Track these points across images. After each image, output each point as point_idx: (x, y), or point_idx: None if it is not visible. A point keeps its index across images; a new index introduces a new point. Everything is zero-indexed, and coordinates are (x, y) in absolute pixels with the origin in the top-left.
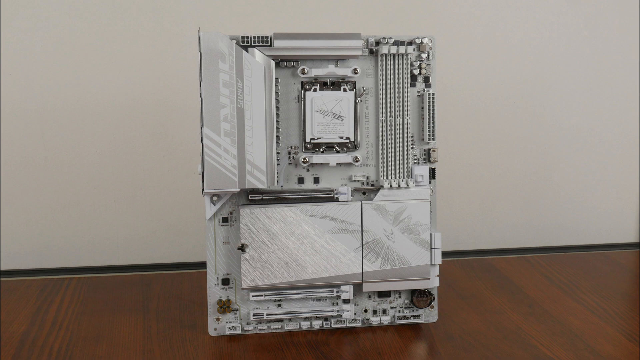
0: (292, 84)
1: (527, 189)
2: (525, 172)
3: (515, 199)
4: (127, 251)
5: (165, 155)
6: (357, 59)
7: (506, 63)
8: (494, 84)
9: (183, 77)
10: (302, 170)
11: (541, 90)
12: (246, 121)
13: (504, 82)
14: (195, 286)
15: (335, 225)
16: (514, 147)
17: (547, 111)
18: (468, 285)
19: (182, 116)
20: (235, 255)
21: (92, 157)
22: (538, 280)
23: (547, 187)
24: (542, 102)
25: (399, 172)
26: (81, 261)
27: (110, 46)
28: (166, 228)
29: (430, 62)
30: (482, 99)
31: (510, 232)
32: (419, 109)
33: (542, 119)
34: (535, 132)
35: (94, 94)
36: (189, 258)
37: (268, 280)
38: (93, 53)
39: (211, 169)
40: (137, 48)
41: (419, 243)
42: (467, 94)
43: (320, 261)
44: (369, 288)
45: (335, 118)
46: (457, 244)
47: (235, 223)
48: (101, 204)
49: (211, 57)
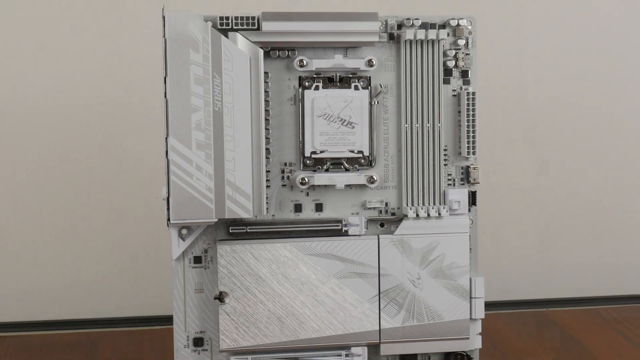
0: (287, 80)
1: (598, 219)
2: (596, 196)
3: (583, 233)
4: (67, 302)
5: (118, 174)
6: (373, 47)
7: (571, 52)
8: (553, 79)
9: (142, 71)
10: (300, 195)
11: (618, 87)
12: (226, 129)
13: (568, 77)
14: (158, 348)
15: (343, 268)
16: (581, 164)
17: (624, 116)
18: (520, 347)
19: (140, 123)
20: (212, 308)
21: (20, 177)
22: (613, 339)
23: (625, 216)
24: (618, 105)
25: (428, 196)
26: (7, 315)
27: (45, 29)
28: (119, 271)
29: (470, 51)
30: (539, 99)
31: (576, 276)
32: (455, 113)
33: (619, 125)
34: (610, 142)
35: (23, 92)
36: (150, 311)
37: (255, 340)
38: (21, 38)
39: (179, 193)
40: (80, 31)
41: (454, 291)
42: (519, 93)
43: (323, 315)
44: (389, 350)
45: (343, 125)
46: (506, 293)
47: (211, 264)
48: (33, 240)
49: (179, 45)
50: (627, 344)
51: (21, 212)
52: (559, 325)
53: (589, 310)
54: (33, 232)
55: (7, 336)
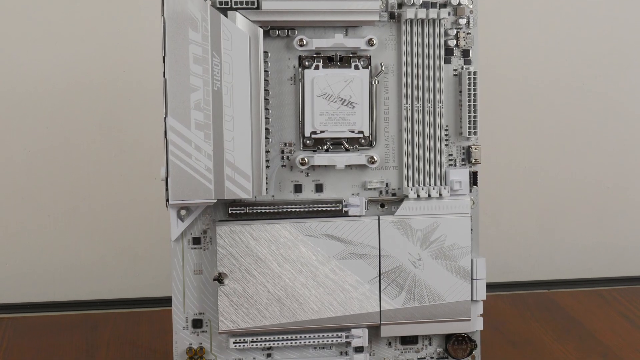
0: (287, 60)
1: (600, 200)
2: (598, 178)
3: (585, 214)
4: (66, 283)
5: (117, 154)
6: (374, 26)
7: (573, 32)
8: (556, 60)
9: (140, 51)
10: (300, 175)
11: (620, 68)
12: (225, 109)
13: (570, 58)
14: (157, 330)
15: (344, 249)
16: (582, 144)
17: (627, 96)
18: (521, 329)
19: (139, 102)
20: (211, 289)
21: (18, 157)
22: (615, 321)
23: (627, 197)
24: (620, 85)
25: (429, 177)
26: (5, 296)
27: (43, 9)
28: (118, 252)
29: (471, 30)
30: (541, 80)
31: (578, 257)
32: (456, 92)
33: (621, 107)
34: (612, 124)
35: (21, 73)
36: (149, 292)
37: (254, 321)
38: (19, 18)
39: (178, 174)
40: (79, 11)
41: (455, 272)
42: (521, 73)
43: (323, 296)
44: (389, 332)
45: (344, 105)
46: (507, 274)
47: (210, 245)
48: (31, 221)
49: (178, 24)
50: (628, 325)
51: (20, 194)
52: (560, 307)
53: (590, 292)
54: (32, 214)
55: (6, 317)
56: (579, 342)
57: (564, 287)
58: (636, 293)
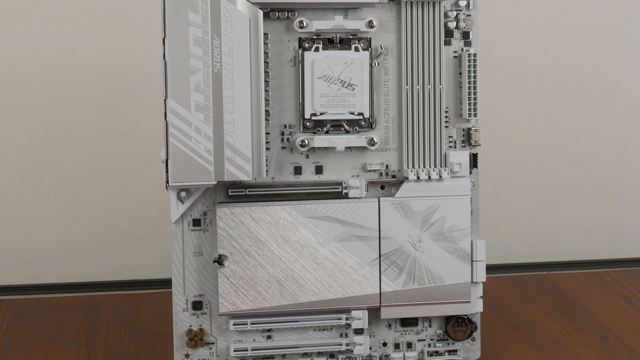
0: (287, 42)
1: (600, 182)
2: (598, 159)
3: (585, 196)
4: (66, 265)
5: (117, 136)
6: (374, 8)
7: (573, 13)
8: (556, 41)
9: (140, 33)
10: (300, 157)
11: (620, 50)
12: (225, 91)
13: (570, 39)
14: (157, 311)
15: (343, 231)
16: (582, 126)
17: (627, 78)
18: (521, 311)
19: (139, 85)
20: (211, 271)
21: (19, 139)
22: (615, 303)
23: (627, 179)
24: (620, 66)
25: (429, 159)
26: (5, 278)
27: None
28: (118, 234)
29: (471, 12)
30: (540, 61)
31: (578, 239)
32: (456, 74)
33: (621, 88)
34: (612, 105)
35: (21, 55)
36: (148, 274)
37: (254, 303)
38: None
39: (178, 155)
40: None
41: (455, 254)
42: (521, 54)
43: (323, 278)
44: (389, 314)
45: (344, 87)
46: (508, 256)
47: (210, 227)
48: (31, 203)
49: (178, 6)
50: (628, 307)
51: (20, 175)
52: (560, 289)
53: (590, 274)
54: (32, 195)
55: (6, 299)
56: (579, 324)
57: (564, 269)
58: (636, 275)
